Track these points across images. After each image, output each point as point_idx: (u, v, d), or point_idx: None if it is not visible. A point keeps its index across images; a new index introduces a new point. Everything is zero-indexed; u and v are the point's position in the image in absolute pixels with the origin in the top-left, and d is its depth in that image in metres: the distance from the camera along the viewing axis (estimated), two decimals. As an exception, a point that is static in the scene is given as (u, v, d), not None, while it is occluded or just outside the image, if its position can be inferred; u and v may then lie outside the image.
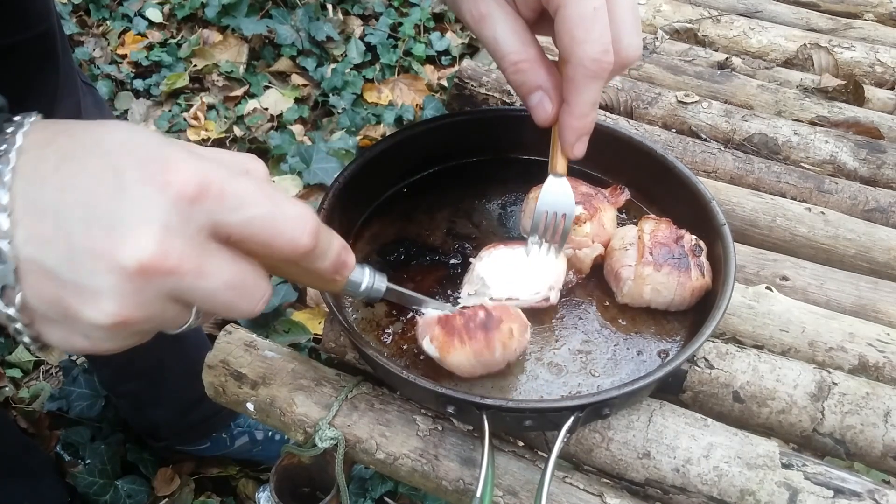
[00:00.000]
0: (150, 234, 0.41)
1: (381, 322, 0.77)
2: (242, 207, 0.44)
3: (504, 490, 0.70)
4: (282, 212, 0.45)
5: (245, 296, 0.46)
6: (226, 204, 0.43)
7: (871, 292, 0.88)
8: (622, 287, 0.77)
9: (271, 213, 0.45)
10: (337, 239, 0.52)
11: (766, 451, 0.70)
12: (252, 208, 0.44)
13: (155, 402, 1.59)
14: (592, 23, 0.60)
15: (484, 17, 0.63)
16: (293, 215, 0.46)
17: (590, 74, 0.62)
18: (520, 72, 0.65)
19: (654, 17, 1.42)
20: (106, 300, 0.42)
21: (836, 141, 1.10)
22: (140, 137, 0.43)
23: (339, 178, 0.81)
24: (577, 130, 0.67)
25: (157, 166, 0.42)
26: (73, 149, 0.43)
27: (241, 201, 0.44)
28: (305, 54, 2.73)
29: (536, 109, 0.67)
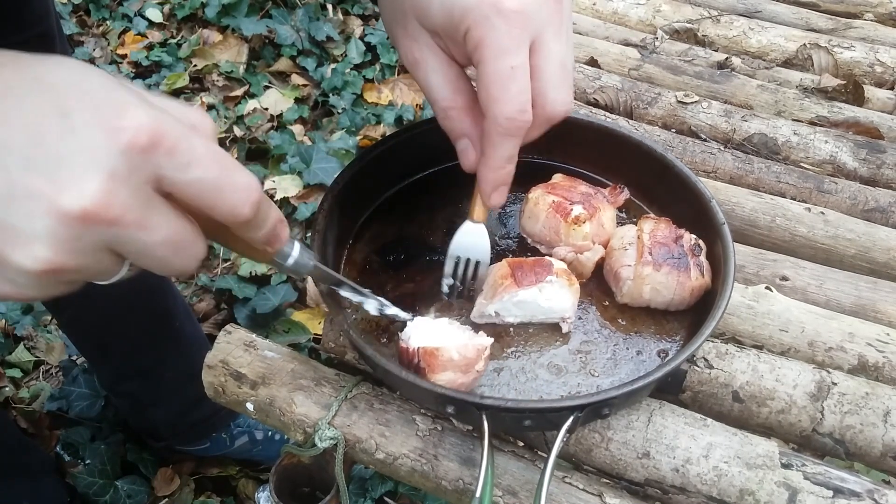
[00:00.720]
0: (95, 180, 0.39)
1: (381, 322, 0.77)
2: (191, 167, 0.43)
3: (503, 490, 0.70)
4: (229, 179, 0.45)
5: (181, 253, 0.46)
6: (176, 160, 0.42)
7: (871, 292, 0.88)
8: (622, 287, 0.77)
9: (218, 178, 0.44)
10: (275, 211, 0.51)
11: (766, 451, 0.70)
12: (200, 170, 0.43)
13: (155, 402, 1.59)
14: (509, 82, 0.59)
15: (418, 63, 0.64)
16: (239, 184, 0.45)
17: (503, 132, 0.62)
18: (447, 119, 0.66)
19: (654, 17, 1.42)
20: (39, 245, 0.40)
21: (836, 141, 1.10)
22: (94, 79, 0.42)
23: (339, 179, 0.81)
24: (492, 182, 0.68)
25: (109, 111, 0.40)
26: (20, 81, 0.41)
27: (191, 160, 0.43)
28: (305, 54, 2.73)
29: (461, 156, 0.69)
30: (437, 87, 0.65)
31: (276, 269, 0.70)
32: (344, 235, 0.84)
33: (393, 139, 0.87)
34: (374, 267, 0.83)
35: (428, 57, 0.64)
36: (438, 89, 0.65)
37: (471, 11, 0.58)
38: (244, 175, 0.46)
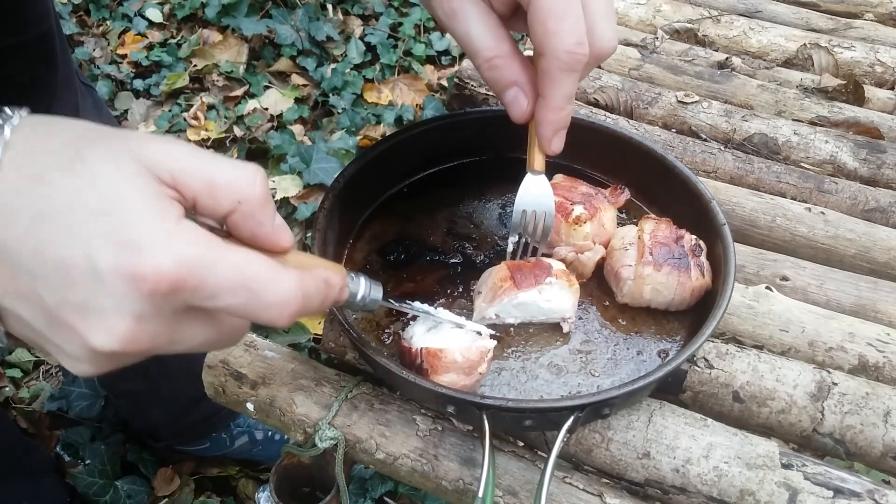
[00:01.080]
0: (122, 324, 0.42)
1: (381, 322, 0.77)
2: (218, 298, 0.43)
3: (504, 490, 0.70)
4: (259, 302, 0.44)
5: (221, 345, 0.48)
6: (201, 294, 0.43)
7: (871, 292, 0.88)
8: (622, 287, 0.77)
9: (247, 304, 0.44)
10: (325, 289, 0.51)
11: (766, 452, 0.70)
12: (228, 299, 0.44)
13: (155, 402, 1.59)
14: (566, 14, 0.59)
15: (456, 13, 0.63)
16: (272, 302, 0.45)
17: (564, 67, 0.61)
18: (494, 68, 0.64)
19: (654, 17, 1.42)
20: (79, 363, 0.44)
21: (836, 141, 1.10)
22: (114, 205, 0.41)
23: (339, 178, 0.81)
24: (553, 124, 0.66)
25: (130, 257, 0.40)
26: (48, 208, 0.41)
27: (217, 292, 0.43)
28: (305, 54, 2.73)
29: (512, 105, 0.66)
30: (480, 36, 0.63)
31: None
32: (344, 235, 0.84)
33: (393, 139, 0.87)
34: (375, 266, 0.83)
35: (466, 6, 0.62)
36: (481, 38, 0.63)
37: None
38: (278, 290, 0.45)
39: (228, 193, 0.46)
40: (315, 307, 0.50)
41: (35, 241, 0.41)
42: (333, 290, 0.52)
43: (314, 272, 0.50)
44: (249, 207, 0.47)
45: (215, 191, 0.45)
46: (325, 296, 0.50)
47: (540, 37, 0.60)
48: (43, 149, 0.43)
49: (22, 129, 0.44)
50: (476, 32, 0.63)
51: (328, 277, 0.51)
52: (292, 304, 0.46)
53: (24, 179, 0.42)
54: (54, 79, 1.04)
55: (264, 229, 0.48)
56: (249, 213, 0.47)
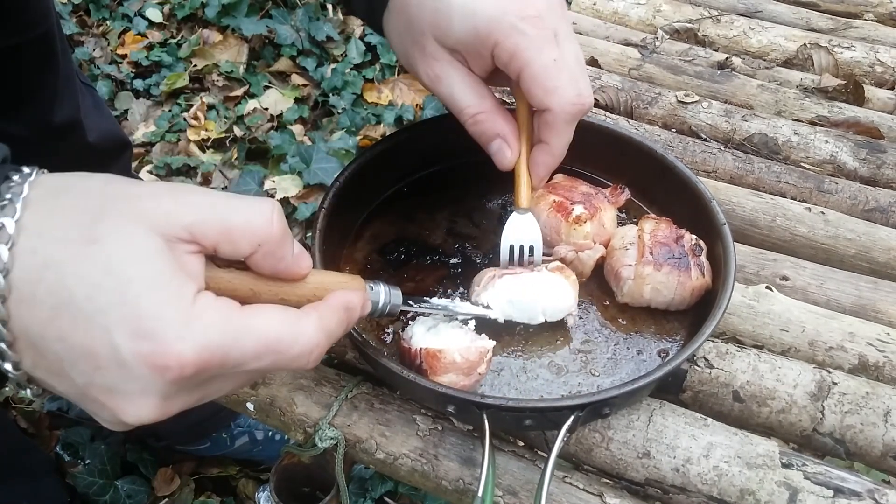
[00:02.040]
0: (149, 404, 0.44)
1: (381, 322, 0.77)
2: (245, 365, 0.45)
3: (504, 490, 0.70)
4: (288, 357, 0.47)
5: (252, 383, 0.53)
6: (228, 368, 0.45)
7: (871, 292, 0.88)
8: (622, 286, 0.77)
9: (276, 362, 0.46)
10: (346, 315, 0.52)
11: (766, 451, 0.70)
12: (256, 364, 0.46)
13: (155, 402, 1.59)
14: (559, 72, 0.64)
15: (440, 78, 0.66)
16: (300, 354, 0.47)
17: (569, 118, 0.66)
18: (478, 123, 0.68)
19: (654, 17, 1.42)
20: (115, 427, 0.47)
21: (836, 141, 1.10)
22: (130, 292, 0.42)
23: (339, 178, 0.81)
24: (550, 167, 0.71)
25: (151, 346, 0.41)
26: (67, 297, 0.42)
27: (243, 362, 0.45)
28: (305, 54, 2.73)
29: (497, 155, 0.70)
30: (463, 96, 0.67)
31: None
32: (344, 234, 0.84)
33: (393, 139, 0.87)
34: (375, 266, 0.83)
35: (450, 71, 0.66)
36: (464, 97, 0.67)
37: (497, 25, 0.62)
38: (303, 343, 0.47)
39: (246, 237, 0.47)
40: (340, 335, 0.52)
41: (58, 330, 0.42)
42: (355, 313, 0.53)
43: (332, 303, 0.51)
44: (269, 247, 0.48)
45: (232, 236, 0.46)
46: (347, 322, 0.52)
47: (541, 97, 0.65)
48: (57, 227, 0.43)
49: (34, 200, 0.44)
50: (459, 93, 0.67)
51: (347, 303, 0.52)
52: (317, 349, 0.48)
53: (40, 267, 0.42)
54: (55, 79, 1.04)
55: (284, 264, 0.50)
56: (269, 253, 0.48)
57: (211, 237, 0.46)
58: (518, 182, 0.73)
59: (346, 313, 0.52)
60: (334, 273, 0.58)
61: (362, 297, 0.54)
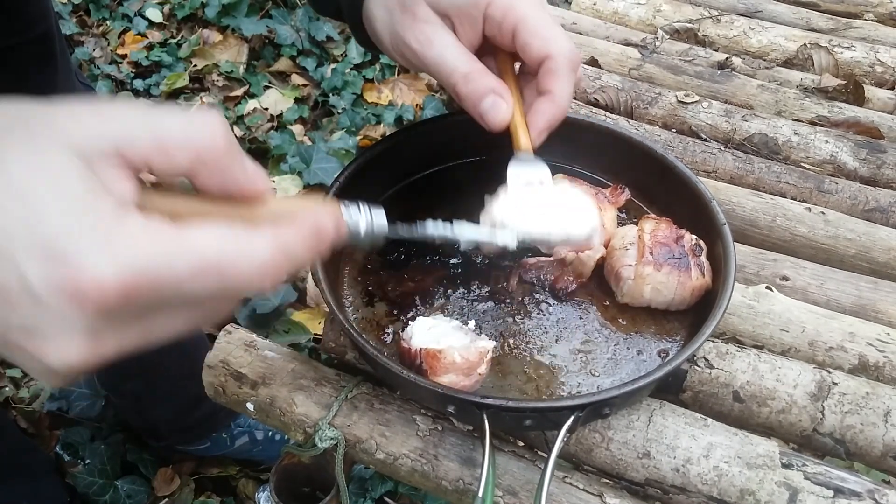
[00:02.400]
0: (74, 344, 0.37)
1: (382, 322, 0.77)
2: (185, 288, 0.38)
3: (504, 490, 0.70)
4: (236, 277, 0.39)
5: (210, 321, 0.43)
6: (163, 293, 0.38)
7: (871, 292, 0.88)
8: (622, 286, 0.77)
9: (222, 283, 0.39)
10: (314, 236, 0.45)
11: (766, 451, 0.70)
12: (198, 286, 0.39)
13: (155, 402, 1.59)
14: (553, 24, 0.67)
15: (431, 41, 0.67)
16: (249, 273, 0.40)
17: (569, 65, 0.67)
18: (470, 81, 0.67)
19: (654, 17, 1.42)
20: (46, 378, 0.40)
21: (836, 141, 1.10)
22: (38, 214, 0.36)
23: (339, 178, 0.81)
24: (550, 117, 0.69)
25: (62, 272, 0.35)
26: None
27: (181, 284, 0.38)
28: (305, 54, 2.73)
29: (492, 111, 0.68)
30: (454, 58, 0.67)
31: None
32: (344, 235, 0.84)
33: (393, 139, 0.87)
34: (375, 266, 0.83)
35: (441, 34, 0.67)
36: (455, 59, 0.67)
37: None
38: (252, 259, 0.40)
39: (183, 147, 0.41)
40: (308, 258, 0.45)
41: None
42: (325, 234, 0.45)
43: (296, 222, 0.44)
44: (212, 159, 0.42)
45: (167, 149, 0.41)
46: (316, 243, 0.45)
47: (540, 45, 0.66)
48: None
49: None
50: (450, 54, 0.67)
51: (315, 221, 0.45)
52: (272, 267, 0.41)
53: None
54: (54, 79, 1.04)
55: (233, 178, 0.43)
56: (213, 166, 0.42)
57: (141, 152, 0.40)
58: (515, 130, 0.70)
59: (313, 233, 0.44)
60: (305, 199, 0.51)
61: (334, 219, 0.47)
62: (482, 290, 0.80)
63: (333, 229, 0.46)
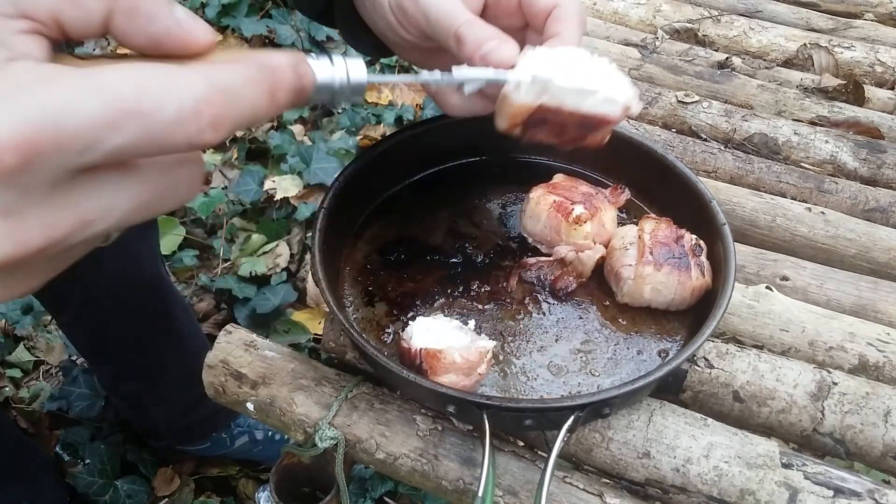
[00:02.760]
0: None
1: (382, 322, 0.77)
2: (100, 141, 0.31)
3: (504, 490, 0.70)
4: (162, 118, 0.32)
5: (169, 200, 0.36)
6: (73, 147, 0.31)
7: (871, 292, 0.88)
8: (622, 286, 0.77)
9: (145, 128, 0.32)
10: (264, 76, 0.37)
11: (766, 451, 0.70)
12: (116, 136, 0.32)
13: (155, 402, 1.59)
14: None
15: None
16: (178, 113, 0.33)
17: (578, 14, 0.65)
18: (472, 26, 0.62)
19: (654, 16, 1.42)
20: None
21: (836, 141, 1.10)
22: None
23: (339, 178, 0.81)
24: None
25: None
26: None
27: (94, 134, 0.31)
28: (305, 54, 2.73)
29: (495, 52, 0.61)
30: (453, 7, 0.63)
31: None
32: (344, 235, 0.84)
33: (393, 139, 0.87)
34: (375, 266, 0.83)
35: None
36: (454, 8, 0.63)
37: None
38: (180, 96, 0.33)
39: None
40: (257, 104, 0.37)
41: None
42: (280, 76, 0.38)
43: (241, 60, 0.37)
44: (127, 1, 0.36)
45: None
46: (267, 85, 0.37)
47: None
48: None
49: None
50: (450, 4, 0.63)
51: (266, 61, 0.38)
52: (208, 106, 0.33)
53: None
54: None
55: (160, 25, 0.37)
56: (131, 9, 0.36)
57: (46, 3, 0.35)
58: None
59: (262, 72, 0.37)
60: (262, 50, 0.43)
61: (293, 57, 0.39)
62: (482, 290, 0.80)
63: (291, 72, 0.39)
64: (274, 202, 2.23)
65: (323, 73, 0.45)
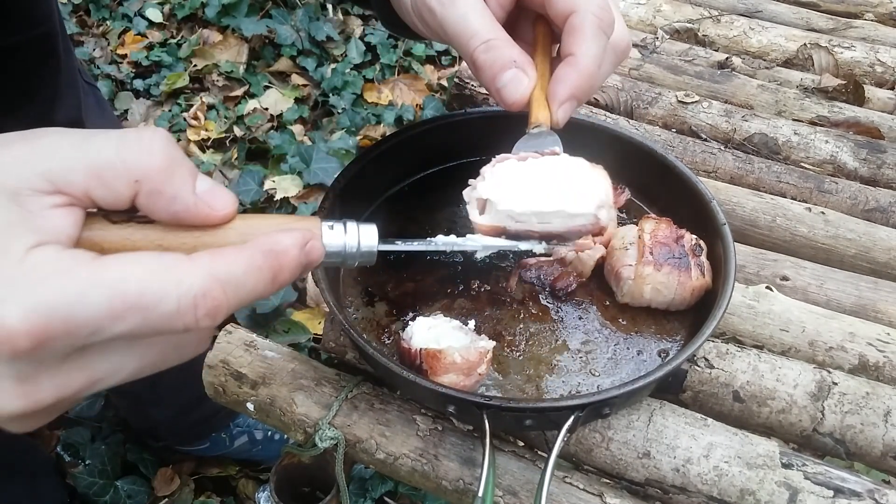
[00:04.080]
0: (5, 392, 0.36)
1: (382, 322, 0.77)
2: (106, 329, 0.35)
3: (504, 490, 0.70)
4: (162, 313, 0.36)
5: (170, 360, 0.40)
6: (80, 334, 0.35)
7: (871, 292, 0.88)
8: (622, 286, 0.77)
9: (148, 321, 0.36)
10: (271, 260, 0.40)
11: (766, 451, 0.70)
12: (120, 326, 0.36)
13: (156, 402, 1.59)
14: None
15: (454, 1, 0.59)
16: (176, 309, 0.36)
17: (596, 22, 0.59)
18: (492, 48, 0.59)
19: (654, 17, 1.42)
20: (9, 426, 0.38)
21: (836, 141, 1.10)
22: None
23: (340, 178, 0.81)
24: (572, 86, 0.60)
25: None
26: None
27: (100, 324, 0.35)
28: (305, 54, 2.73)
29: (510, 85, 0.60)
30: (477, 21, 0.59)
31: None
32: (344, 235, 0.84)
33: (393, 139, 0.87)
34: (376, 266, 0.82)
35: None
36: (478, 22, 0.59)
37: None
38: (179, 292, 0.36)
39: (120, 174, 0.38)
40: (257, 289, 0.40)
41: None
42: (286, 257, 0.40)
43: (245, 246, 0.39)
44: (151, 183, 0.38)
45: (104, 176, 0.37)
46: (271, 269, 0.40)
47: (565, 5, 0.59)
48: None
49: None
50: (473, 16, 0.59)
51: (271, 244, 0.40)
52: (205, 302, 0.37)
53: None
54: (57, 77, 1.04)
55: (182, 203, 0.39)
56: (154, 190, 0.39)
57: (78, 182, 0.37)
58: (532, 105, 0.61)
59: (267, 257, 0.39)
60: (282, 216, 0.45)
61: (301, 237, 0.41)
62: (482, 290, 0.80)
63: (297, 252, 0.41)
64: (274, 202, 2.23)
65: (333, 242, 0.46)
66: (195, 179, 0.40)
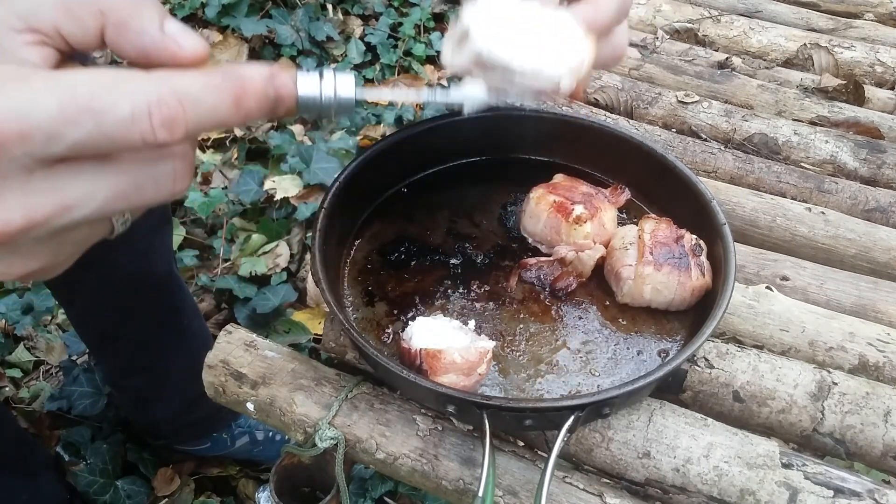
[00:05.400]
0: None
1: (382, 322, 0.77)
2: (60, 135, 0.35)
3: (504, 490, 0.70)
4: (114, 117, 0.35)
5: (145, 195, 0.39)
6: (35, 138, 0.35)
7: (871, 292, 0.88)
8: (622, 287, 0.77)
9: (99, 125, 0.35)
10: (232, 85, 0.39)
11: (766, 451, 0.70)
12: (73, 131, 0.35)
13: (157, 399, 1.59)
14: None
15: None
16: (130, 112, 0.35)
17: None
18: None
19: (654, 17, 1.42)
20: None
21: (836, 141, 1.10)
22: None
23: (339, 178, 0.81)
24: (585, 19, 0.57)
25: None
26: None
27: (53, 128, 0.35)
28: (305, 54, 2.73)
29: None
30: None
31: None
32: (345, 234, 0.84)
33: (393, 139, 0.87)
34: (375, 266, 0.83)
35: None
36: None
37: None
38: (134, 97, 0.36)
39: (86, 4, 0.38)
40: (218, 108, 0.38)
41: None
42: (250, 83, 0.39)
43: (210, 71, 0.39)
44: (117, 14, 0.39)
45: (72, 8, 0.38)
46: (233, 92, 0.39)
47: None
48: None
49: None
50: None
51: (236, 70, 0.39)
52: (160, 110, 0.36)
53: None
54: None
55: (148, 37, 0.39)
56: (121, 22, 0.39)
57: (48, 16, 0.38)
58: None
59: (228, 78, 0.38)
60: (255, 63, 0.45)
61: (268, 69, 0.40)
62: (482, 290, 0.80)
63: (262, 81, 0.40)
64: (274, 202, 2.23)
65: (307, 87, 0.45)
66: (163, 18, 0.40)
